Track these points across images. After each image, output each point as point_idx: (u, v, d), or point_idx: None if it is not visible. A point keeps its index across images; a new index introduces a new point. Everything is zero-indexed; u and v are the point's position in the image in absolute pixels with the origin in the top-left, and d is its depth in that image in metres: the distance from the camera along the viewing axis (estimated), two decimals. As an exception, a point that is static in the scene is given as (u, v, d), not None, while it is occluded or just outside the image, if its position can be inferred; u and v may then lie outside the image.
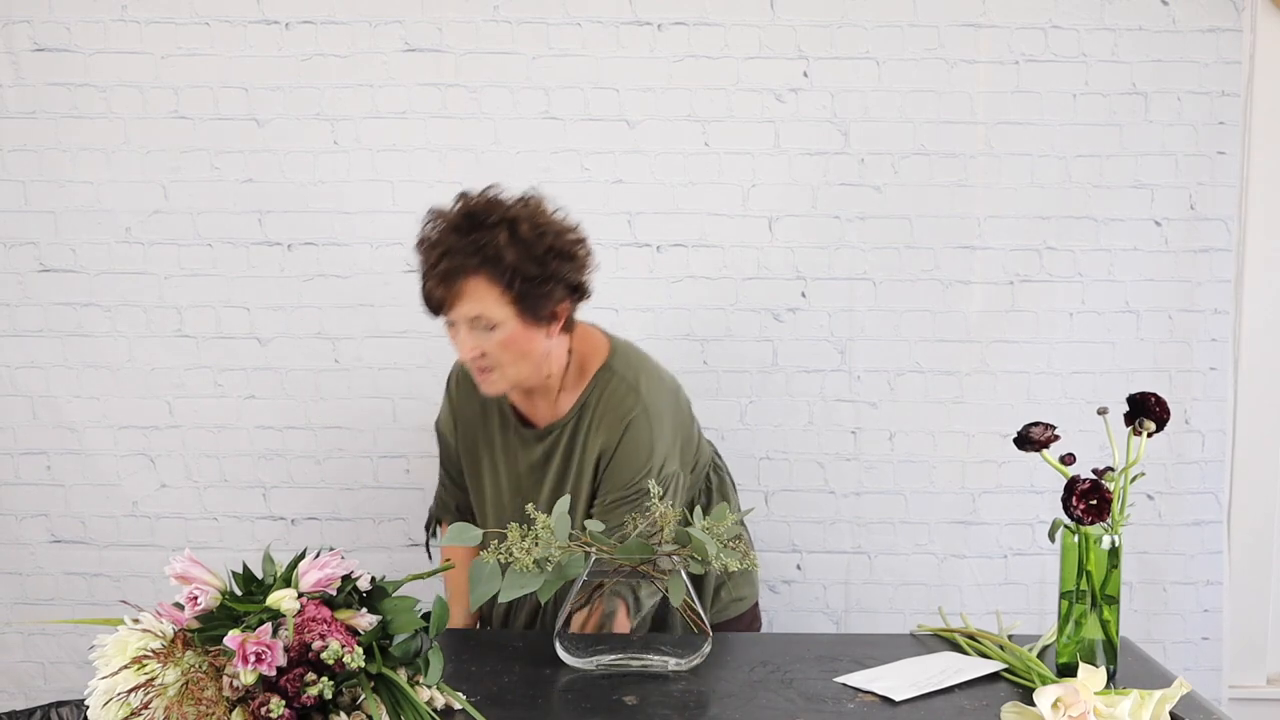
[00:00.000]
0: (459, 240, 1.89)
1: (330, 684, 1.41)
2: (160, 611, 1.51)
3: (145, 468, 2.89)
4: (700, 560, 1.72)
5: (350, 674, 1.43)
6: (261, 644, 1.41)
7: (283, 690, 1.40)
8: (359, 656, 1.42)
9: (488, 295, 1.89)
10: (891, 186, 2.83)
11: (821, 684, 1.70)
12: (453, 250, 1.89)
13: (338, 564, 1.54)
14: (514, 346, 1.93)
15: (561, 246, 1.94)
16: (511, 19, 2.76)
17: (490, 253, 1.87)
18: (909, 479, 2.91)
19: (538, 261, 1.90)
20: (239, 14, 2.76)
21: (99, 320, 2.85)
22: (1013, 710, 1.58)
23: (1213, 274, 2.86)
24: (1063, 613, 1.72)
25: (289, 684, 1.40)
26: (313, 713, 1.44)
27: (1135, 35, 2.79)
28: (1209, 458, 2.91)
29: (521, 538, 1.70)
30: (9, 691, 2.94)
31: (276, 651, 1.41)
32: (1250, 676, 3.01)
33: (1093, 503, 1.64)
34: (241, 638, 1.41)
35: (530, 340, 1.94)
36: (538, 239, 1.91)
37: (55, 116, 2.79)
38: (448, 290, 1.89)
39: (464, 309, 1.90)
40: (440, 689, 1.53)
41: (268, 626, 1.43)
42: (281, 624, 1.45)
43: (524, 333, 1.92)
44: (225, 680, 1.41)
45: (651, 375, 2.10)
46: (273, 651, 1.41)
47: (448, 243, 1.90)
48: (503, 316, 1.90)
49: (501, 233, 1.88)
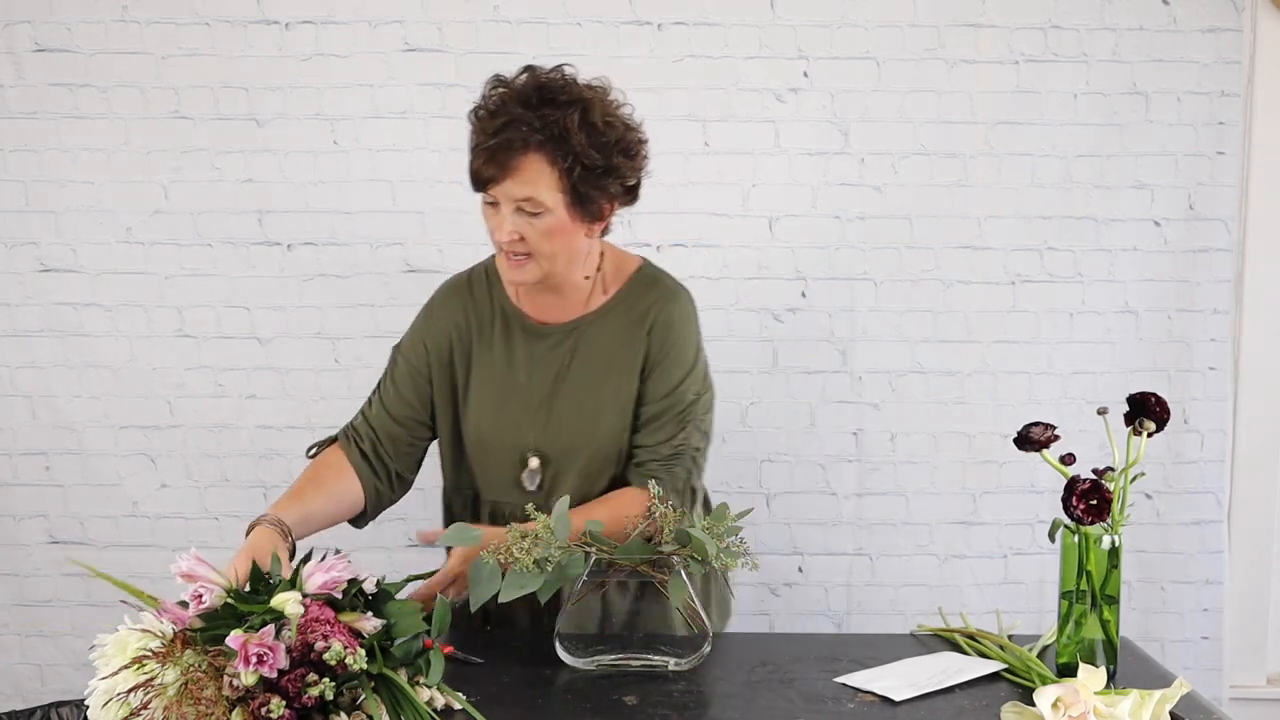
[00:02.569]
0: (526, 113, 1.75)
1: (331, 685, 1.41)
2: (164, 610, 1.50)
3: (145, 468, 2.89)
4: (700, 560, 1.72)
5: (351, 675, 1.43)
6: (264, 645, 1.40)
7: (283, 690, 1.40)
8: (361, 658, 1.42)
9: (543, 177, 1.76)
10: (891, 186, 2.83)
11: (821, 684, 1.70)
12: (516, 121, 1.75)
13: (344, 568, 1.54)
14: (557, 237, 1.80)
15: (628, 142, 1.84)
16: (511, 19, 2.76)
17: (557, 132, 1.75)
18: (910, 480, 2.91)
19: (603, 151, 1.78)
20: (239, 14, 2.76)
21: (99, 320, 2.85)
22: (1013, 710, 1.58)
23: (1212, 274, 2.86)
24: (1063, 613, 1.72)
25: (290, 684, 1.40)
26: (313, 713, 1.44)
27: (1135, 35, 2.79)
28: (1209, 457, 2.91)
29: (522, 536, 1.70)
30: (6, 693, 2.94)
31: (279, 654, 1.41)
32: (1250, 676, 3.01)
33: (1093, 503, 1.64)
34: (244, 638, 1.41)
35: (573, 234, 1.82)
36: (607, 128, 1.80)
37: (56, 116, 2.79)
38: (501, 165, 1.75)
39: (514, 187, 1.77)
40: (440, 689, 1.53)
41: (271, 628, 1.43)
42: (285, 625, 1.45)
43: (569, 225, 1.81)
44: (225, 680, 1.41)
45: (686, 289, 2.02)
46: (275, 654, 1.40)
47: (512, 113, 1.76)
48: (553, 203, 1.78)
49: (574, 114, 1.76)
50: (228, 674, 1.41)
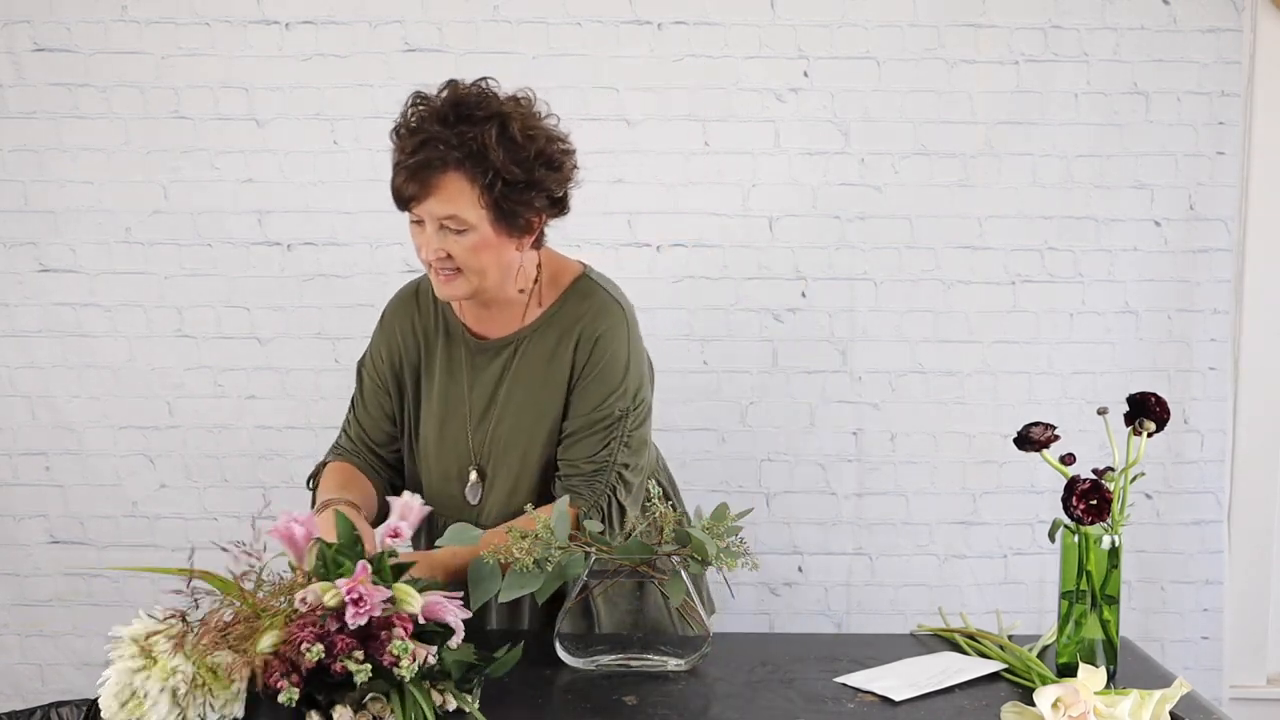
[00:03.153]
0: (444, 131, 1.73)
1: (368, 669, 1.42)
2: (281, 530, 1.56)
3: (145, 468, 2.89)
4: (700, 560, 1.72)
5: (386, 674, 1.44)
6: (370, 595, 1.44)
7: (330, 645, 1.42)
8: (412, 669, 1.44)
9: (464, 194, 1.74)
10: (891, 186, 2.83)
11: (821, 684, 1.69)
12: (434, 139, 1.73)
13: (454, 614, 1.53)
14: (483, 253, 1.79)
15: (550, 154, 1.80)
16: (511, 19, 2.76)
17: (475, 149, 1.73)
18: (910, 480, 2.91)
19: (523, 166, 1.76)
20: (239, 14, 2.76)
21: (99, 320, 2.85)
22: (1013, 710, 1.58)
23: (1212, 274, 2.86)
24: (1063, 613, 1.72)
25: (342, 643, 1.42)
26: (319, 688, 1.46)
27: (1136, 35, 2.79)
28: (1209, 458, 2.91)
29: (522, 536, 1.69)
30: (6, 694, 2.94)
31: (374, 606, 1.44)
32: (1250, 676, 3.01)
33: (1093, 503, 1.64)
34: (367, 574, 1.46)
35: (501, 249, 1.80)
36: (527, 141, 1.77)
37: (55, 116, 2.79)
38: (421, 183, 1.74)
39: (436, 206, 1.75)
40: (451, 693, 1.54)
41: (385, 592, 1.47)
42: (388, 605, 1.48)
43: (495, 240, 1.79)
44: (298, 596, 1.46)
45: (626, 297, 1.99)
46: (369, 603, 1.43)
47: (430, 131, 1.74)
48: (476, 220, 1.76)
49: (492, 129, 1.73)
50: (305, 591, 1.46)
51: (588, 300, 1.94)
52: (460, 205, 1.75)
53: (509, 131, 1.75)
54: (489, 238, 1.79)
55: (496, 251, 1.81)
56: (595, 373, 1.90)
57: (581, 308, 1.93)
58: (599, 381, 1.90)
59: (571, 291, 1.94)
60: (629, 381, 1.92)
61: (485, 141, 1.73)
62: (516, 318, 1.94)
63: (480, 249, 1.79)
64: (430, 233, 1.79)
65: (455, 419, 1.96)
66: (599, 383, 1.90)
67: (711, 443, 2.89)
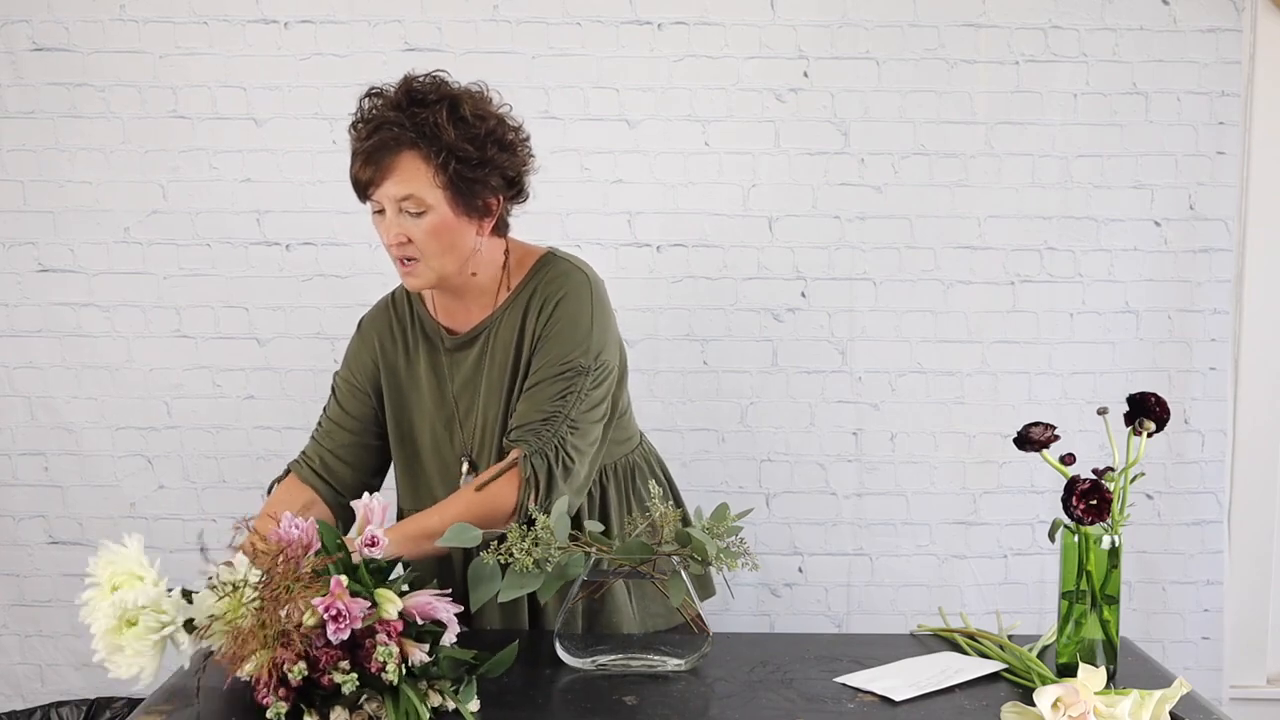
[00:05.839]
0: (397, 115, 1.79)
1: (354, 679, 1.42)
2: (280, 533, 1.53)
3: (143, 468, 2.89)
4: (700, 560, 1.72)
5: (374, 681, 1.44)
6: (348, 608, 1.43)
7: (314, 661, 1.42)
8: (400, 674, 1.44)
9: (419, 174, 1.79)
10: (891, 186, 2.83)
11: (821, 684, 1.69)
12: (388, 123, 1.78)
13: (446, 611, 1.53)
14: (442, 236, 1.82)
15: (501, 134, 1.85)
16: (511, 19, 2.76)
17: (427, 130, 1.77)
18: (910, 480, 2.91)
19: (476, 143, 1.80)
20: (238, 13, 2.76)
21: (97, 320, 2.85)
22: (1013, 710, 1.58)
23: (1212, 274, 2.86)
24: (1063, 613, 1.71)
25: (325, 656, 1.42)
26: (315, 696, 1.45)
27: (1136, 35, 2.79)
28: (1209, 458, 2.91)
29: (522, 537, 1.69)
30: (6, 694, 2.94)
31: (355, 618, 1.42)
32: (1250, 676, 3.00)
33: (1093, 503, 1.64)
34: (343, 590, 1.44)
35: (460, 232, 1.84)
36: (478, 120, 1.82)
37: (54, 116, 2.79)
38: (377, 165, 1.78)
39: (392, 188, 1.79)
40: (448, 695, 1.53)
41: (364, 602, 1.45)
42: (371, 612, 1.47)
43: (454, 222, 1.82)
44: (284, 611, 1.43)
45: (595, 271, 1.99)
46: (350, 618, 1.42)
47: (385, 116, 1.80)
48: (434, 200, 1.80)
49: (442, 110, 1.79)
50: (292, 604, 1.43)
51: (546, 270, 1.95)
52: (417, 185, 1.79)
53: (460, 111, 1.81)
54: (448, 219, 1.82)
55: (455, 234, 1.84)
56: (554, 331, 1.90)
57: (543, 278, 1.94)
58: (557, 340, 1.89)
59: (535, 268, 1.96)
60: (592, 341, 1.90)
61: (438, 121, 1.78)
62: (487, 306, 1.96)
63: (439, 231, 1.82)
64: (390, 217, 1.82)
65: (444, 417, 1.99)
66: (557, 341, 1.89)
67: (711, 443, 2.89)
